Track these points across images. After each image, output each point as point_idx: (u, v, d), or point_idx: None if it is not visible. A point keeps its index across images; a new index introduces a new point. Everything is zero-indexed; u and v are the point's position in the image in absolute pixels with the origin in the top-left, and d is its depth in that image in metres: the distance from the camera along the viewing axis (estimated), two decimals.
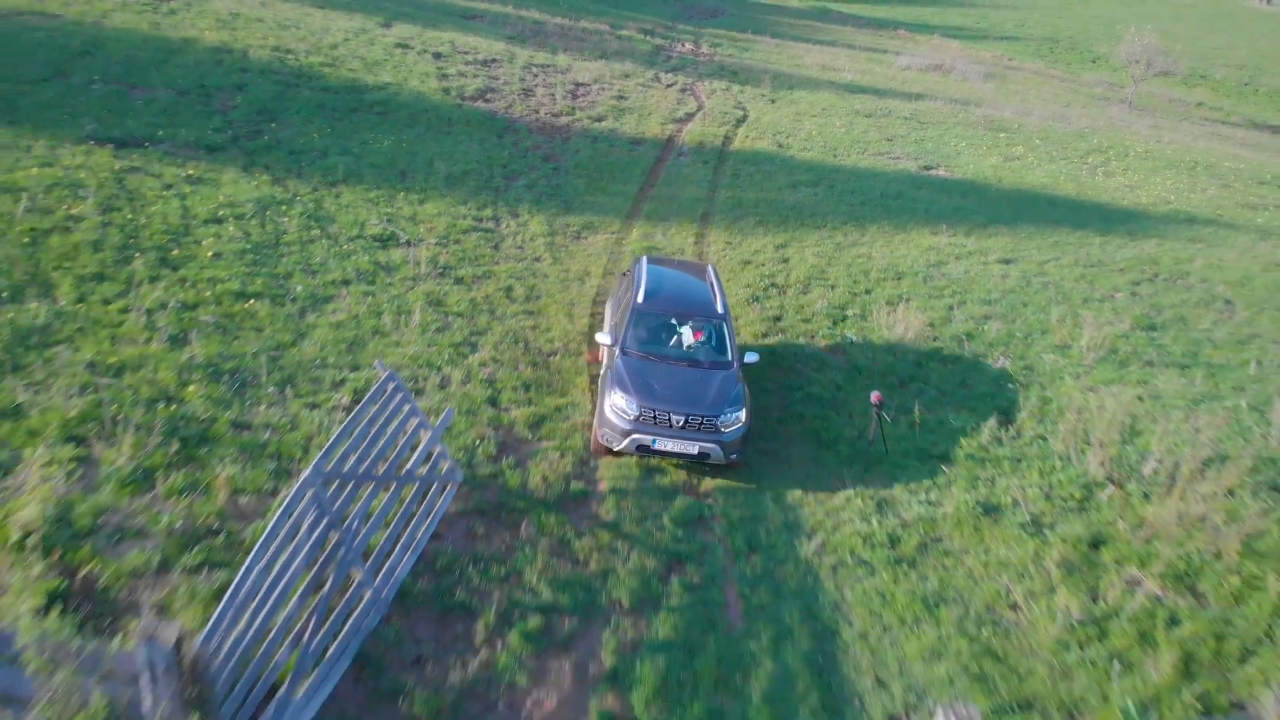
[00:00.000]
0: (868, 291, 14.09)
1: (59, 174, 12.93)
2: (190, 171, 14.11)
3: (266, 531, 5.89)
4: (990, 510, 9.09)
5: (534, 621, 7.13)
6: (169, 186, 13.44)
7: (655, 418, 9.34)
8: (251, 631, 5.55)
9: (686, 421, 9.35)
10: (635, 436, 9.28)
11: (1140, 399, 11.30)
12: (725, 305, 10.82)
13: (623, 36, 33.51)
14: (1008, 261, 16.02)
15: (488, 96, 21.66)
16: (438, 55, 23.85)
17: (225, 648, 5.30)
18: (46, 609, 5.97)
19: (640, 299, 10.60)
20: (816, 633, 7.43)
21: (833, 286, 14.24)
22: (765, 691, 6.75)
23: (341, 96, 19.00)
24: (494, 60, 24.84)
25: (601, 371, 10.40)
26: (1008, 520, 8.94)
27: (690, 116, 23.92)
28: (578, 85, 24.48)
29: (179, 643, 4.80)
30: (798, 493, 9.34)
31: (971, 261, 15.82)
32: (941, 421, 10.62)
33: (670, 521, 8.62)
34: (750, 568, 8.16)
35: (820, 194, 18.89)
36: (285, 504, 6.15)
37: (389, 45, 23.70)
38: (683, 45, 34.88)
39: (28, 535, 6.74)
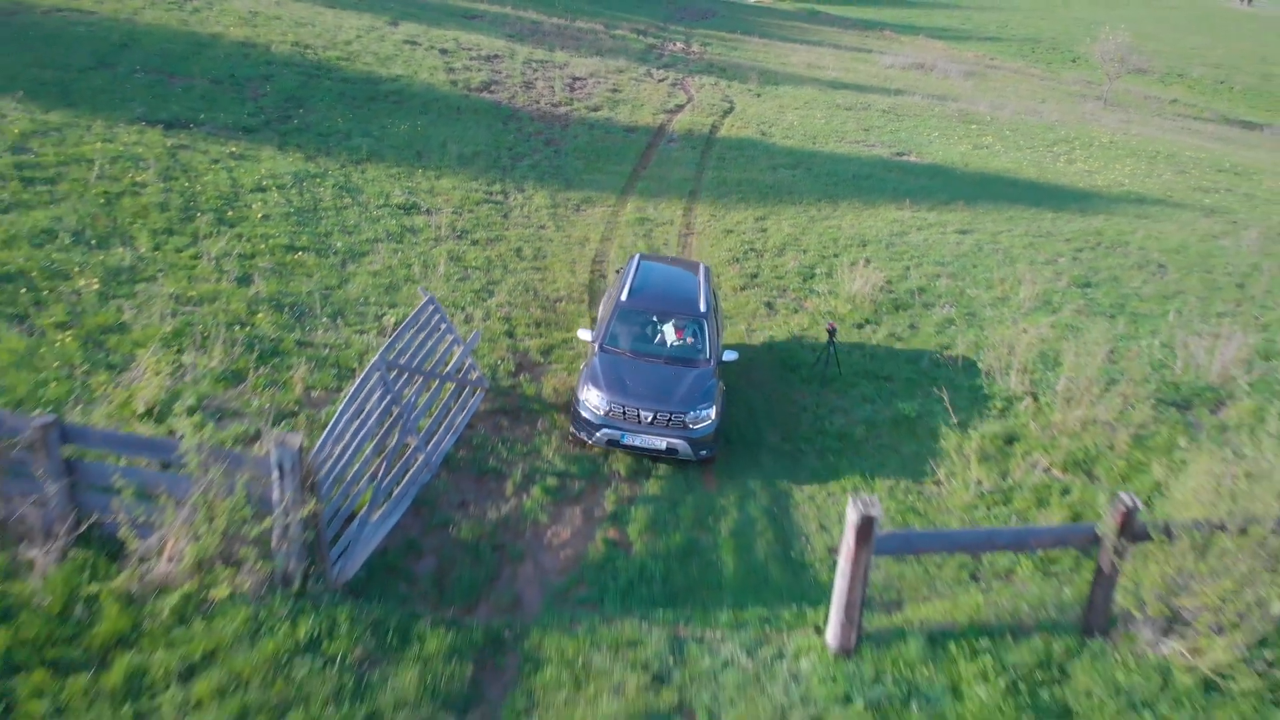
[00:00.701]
0: (835, 255, 16.12)
1: (119, 149, 14.91)
2: (233, 149, 16.10)
3: (349, 395, 7.86)
4: (923, 415, 11.11)
5: (551, 482, 9.13)
6: (216, 161, 15.43)
7: (624, 413, 9.70)
8: (343, 461, 7.51)
9: (655, 418, 9.71)
10: (605, 431, 9.66)
11: (1065, 338, 13.33)
12: (709, 304, 11.17)
13: (616, 36, 35.63)
14: (964, 232, 18.08)
15: (492, 88, 23.71)
16: (444, 51, 25.90)
17: (326, 465, 7.26)
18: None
19: (624, 296, 11.03)
20: (774, 494, 9.44)
21: (804, 251, 16.29)
22: (731, 529, 8.75)
23: (359, 87, 21.03)
24: (496, 56, 26.91)
25: (582, 367, 10.69)
26: (938, 422, 10.96)
27: (680, 108, 26.00)
28: (575, 79, 26.56)
29: (300, 449, 6.76)
30: (765, 403, 11.34)
31: (931, 231, 17.88)
32: (890, 352, 12.65)
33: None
34: (724, 452, 10.15)
35: (798, 175, 20.95)
36: (360, 379, 8.12)
37: (398, 42, 25.76)
38: (674, 44, 37.00)
39: (151, 409, 8.70)
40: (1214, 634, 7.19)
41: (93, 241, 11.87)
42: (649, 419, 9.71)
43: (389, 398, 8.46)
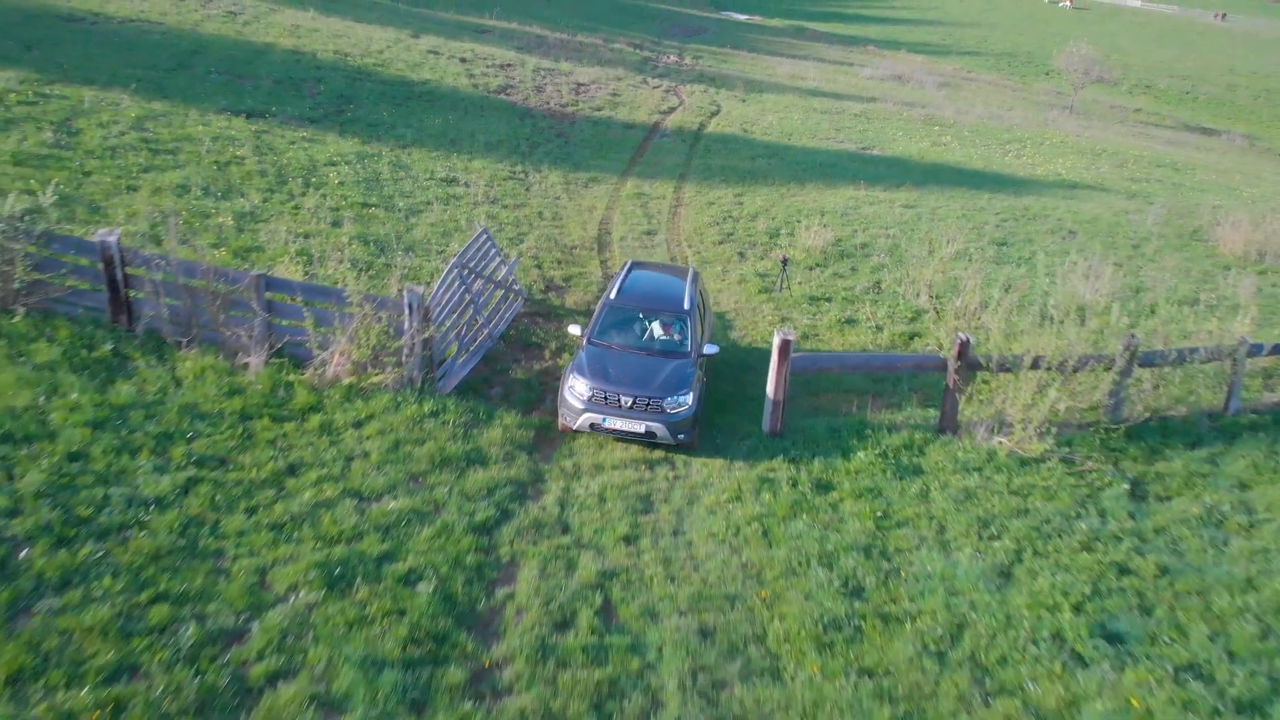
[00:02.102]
0: (798, 221, 20.30)
1: (216, 131, 19.07)
2: (303, 134, 20.28)
3: (440, 278, 11.93)
4: (851, 321, 15.24)
5: (574, 350, 13.19)
6: (292, 143, 19.59)
7: (606, 399, 10.71)
8: (440, 316, 11.56)
9: (634, 402, 10.70)
10: (587, 415, 10.68)
11: (972, 276, 17.46)
12: (694, 302, 12.30)
13: (615, 49, 40.11)
14: (909, 206, 22.29)
15: (508, 91, 28.02)
16: (463, 60, 30.25)
17: (434, 311, 11.31)
18: None
19: (613, 296, 12.29)
20: (737, 369, 13.52)
21: (773, 218, 20.47)
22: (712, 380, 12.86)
23: (396, 88, 25.32)
24: (509, 65, 31.27)
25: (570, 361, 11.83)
26: (861, 326, 15.08)
27: (673, 110, 30.33)
28: (579, 85, 30.90)
29: (422, 294, 10.83)
30: (731, 313, 15.46)
31: (880, 206, 22.09)
32: (832, 284, 16.79)
33: None
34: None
35: (773, 163, 25.21)
36: (445, 271, 12.20)
37: (423, 51, 30.11)
38: (668, 57, 41.49)
39: None
40: (1027, 431, 11.29)
41: (218, 194, 15.99)
42: (629, 404, 10.70)
43: (463, 288, 12.54)
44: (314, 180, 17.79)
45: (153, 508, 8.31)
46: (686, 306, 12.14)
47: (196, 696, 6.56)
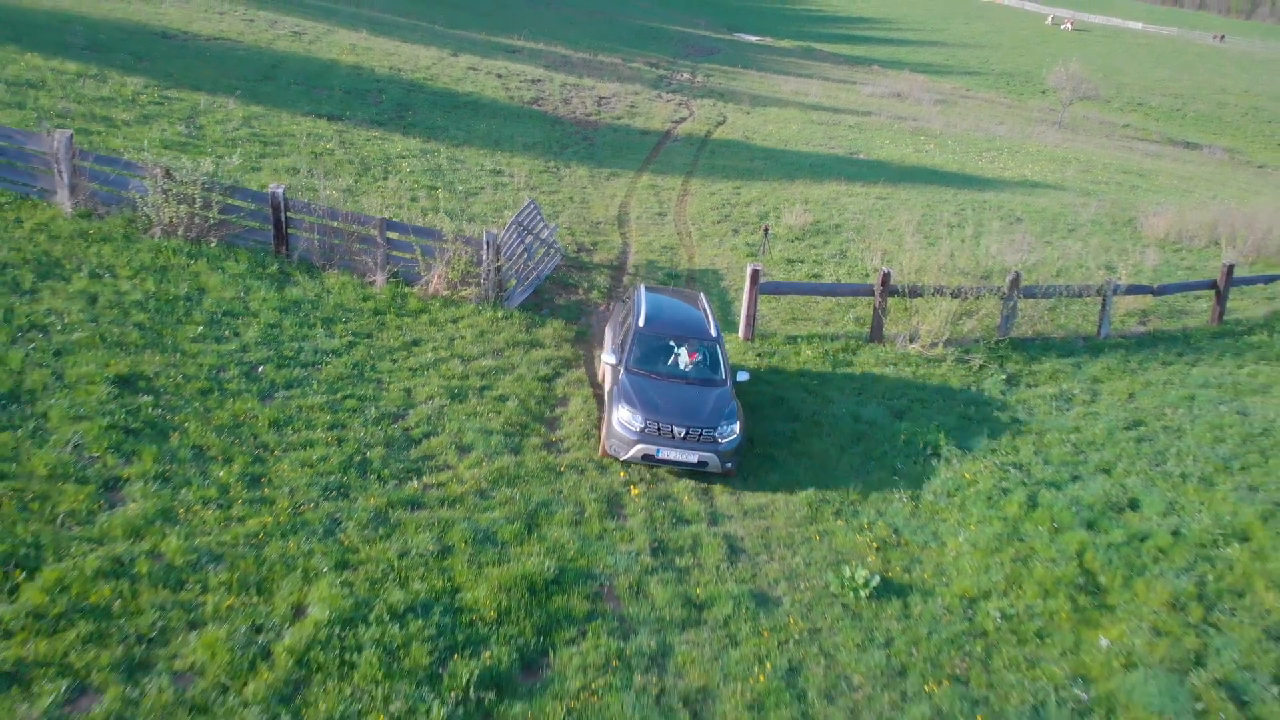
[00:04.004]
0: (785, 207, 25.14)
1: (307, 129, 24.12)
2: (375, 134, 25.35)
3: (505, 228, 16.80)
4: (816, 276, 20.02)
5: (601, 290, 18.02)
6: (368, 140, 24.64)
7: (659, 430, 11.18)
8: (505, 254, 16.41)
9: (688, 433, 11.20)
10: (640, 446, 11.17)
11: (922, 247, 22.20)
12: (719, 329, 13.15)
13: (633, 67, 45.33)
14: (882, 198, 27.12)
15: (539, 102, 33.15)
16: (499, 76, 35.45)
17: (503, 249, 16.15)
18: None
19: (641, 323, 12.86)
20: (722, 294, 18.32)
21: (763, 205, 25.34)
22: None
23: (445, 98, 30.46)
24: (538, 81, 36.45)
25: (607, 388, 12.51)
26: (825, 280, 19.84)
27: (683, 120, 35.38)
28: (601, 98, 36.03)
29: (494, 236, 15.68)
30: (724, 270, 20.27)
31: (857, 197, 26.94)
32: (807, 253, 21.58)
33: (662, 282, 19.53)
34: (697, 285, 19.07)
35: (769, 164, 30.14)
36: (507, 225, 17.07)
37: (463, 68, 35.33)
38: (681, 75, 46.66)
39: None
40: (931, 338, 16.03)
41: (322, 175, 20.98)
42: (682, 434, 11.23)
43: (519, 239, 17.40)
44: (390, 168, 22.79)
45: (330, 355, 13.16)
46: (714, 334, 12.96)
47: (384, 439, 11.36)
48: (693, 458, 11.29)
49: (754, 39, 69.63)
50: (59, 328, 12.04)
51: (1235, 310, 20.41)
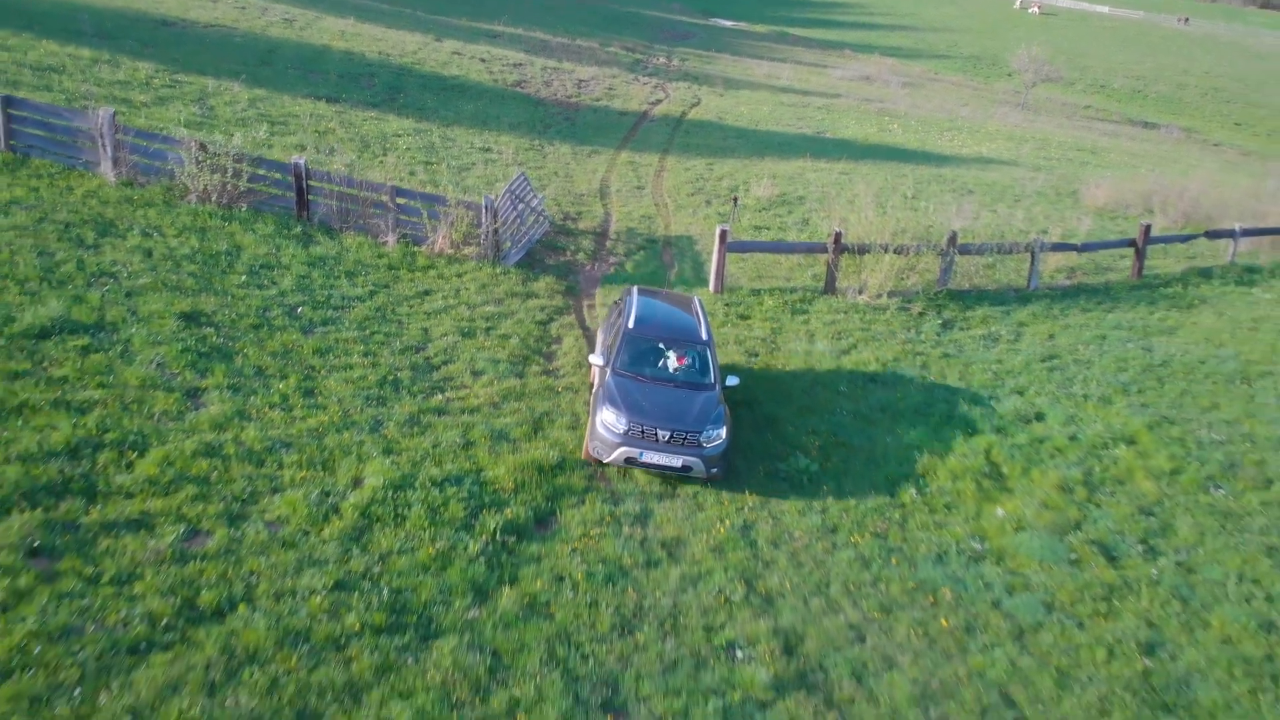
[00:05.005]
0: (754, 181, 27.59)
1: (309, 110, 26.31)
2: (371, 115, 27.56)
3: (500, 194, 19.15)
4: (779, 236, 22.49)
5: (586, 252, 20.42)
6: (365, 120, 26.86)
7: (643, 432, 11.18)
8: (500, 219, 18.75)
9: (671, 436, 11.22)
10: (623, 449, 11.17)
11: (879, 215, 24.70)
12: (709, 333, 13.18)
13: (610, 52, 47.61)
14: (844, 173, 29.63)
15: (522, 85, 35.43)
16: (483, 60, 37.68)
17: (498, 214, 18.50)
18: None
19: (631, 324, 12.90)
20: (694, 257, 20.75)
21: (734, 179, 27.79)
22: (679, 272, 20.07)
23: (433, 81, 32.68)
24: (520, 64, 38.70)
25: (594, 389, 12.56)
26: (789, 237, 22.32)
27: (659, 101, 37.75)
28: (580, 81, 38.33)
29: (492, 200, 18.03)
30: (697, 235, 22.71)
31: (821, 172, 29.44)
32: (771, 221, 24.06)
33: (643, 249, 21.94)
34: (676, 255, 21.49)
35: (740, 142, 32.58)
36: (501, 192, 19.42)
37: (448, 53, 37.52)
38: (657, 59, 48.96)
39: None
40: (876, 289, 18.55)
41: (327, 152, 23.21)
42: (665, 438, 11.24)
43: (511, 206, 19.75)
44: (388, 145, 25.05)
45: (355, 300, 15.49)
46: (704, 337, 13.03)
47: (410, 365, 13.72)
48: (676, 462, 11.31)
49: (729, 24, 71.97)
50: (125, 275, 14.31)
51: (1156, 268, 23.11)
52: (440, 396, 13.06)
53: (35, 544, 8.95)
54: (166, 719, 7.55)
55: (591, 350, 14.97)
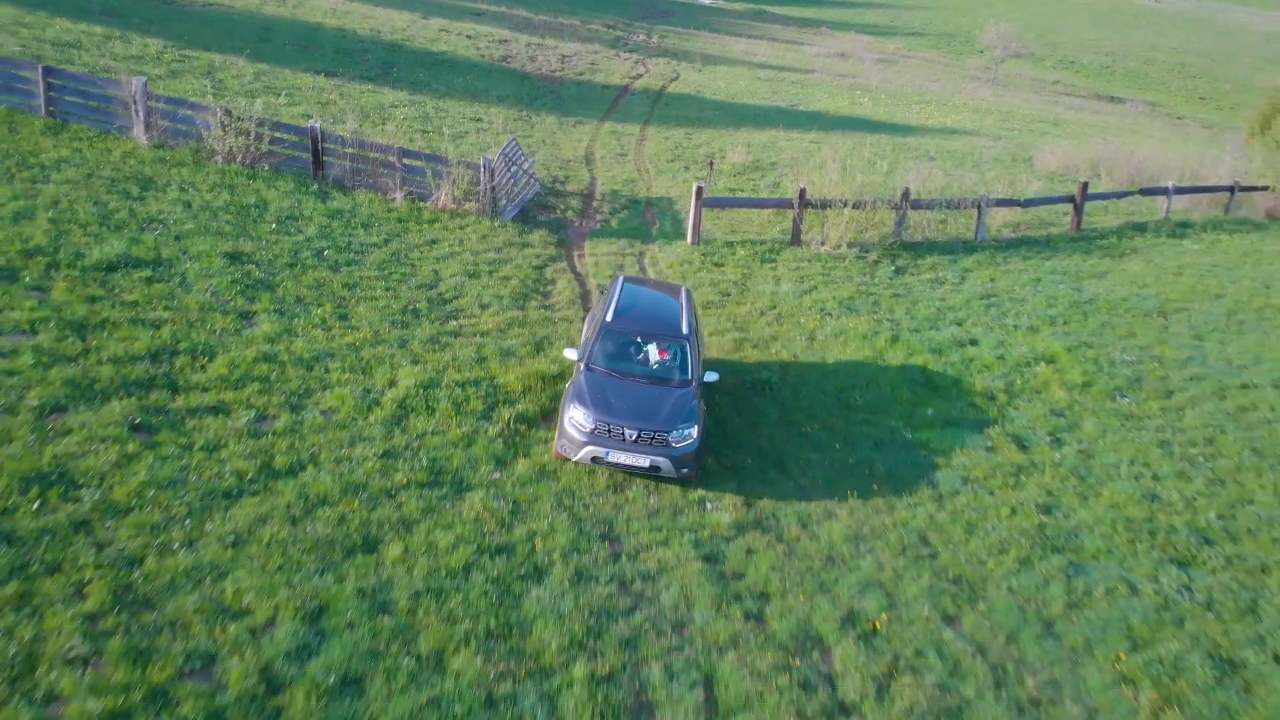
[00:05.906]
0: (730, 148, 29.95)
1: (310, 83, 28.44)
2: (368, 88, 29.72)
3: (497, 154, 21.43)
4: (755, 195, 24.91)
5: (575, 211, 22.75)
6: (363, 92, 29.02)
7: (610, 431, 11.04)
8: (497, 177, 21.04)
9: (639, 436, 11.06)
10: (590, 448, 11.07)
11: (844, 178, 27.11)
12: (692, 326, 12.88)
13: (591, 29, 49.78)
14: (814, 142, 32.04)
15: (508, 60, 37.61)
16: (469, 37, 39.81)
17: (494, 173, 20.78)
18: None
19: (609, 317, 12.76)
20: (674, 216, 23.12)
21: (711, 147, 30.14)
22: (660, 228, 22.45)
23: (424, 56, 34.82)
24: (505, 41, 40.85)
25: (568, 385, 12.39)
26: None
27: (640, 76, 40.01)
28: (564, 56, 40.53)
29: (490, 161, 20.31)
30: (676, 196, 25.07)
31: (794, 141, 31.83)
32: (745, 185, 26.44)
33: (627, 208, 24.29)
34: (657, 213, 23.85)
35: (717, 114, 34.93)
36: (497, 155, 21.70)
37: (435, 30, 39.62)
38: (637, 36, 51.16)
39: None
40: (836, 240, 21.00)
41: (330, 120, 25.40)
42: (633, 437, 11.06)
43: (505, 168, 22.02)
44: (386, 115, 27.25)
45: (373, 246, 17.77)
46: (685, 331, 12.73)
47: (427, 299, 16.04)
48: (644, 462, 11.18)
49: (707, 1, 74.12)
50: (171, 221, 16.54)
51: (1096, 223, 25.69)
52: (454, 323, 15.39)
53: (136, 421, 11.25)
54: (261, 540, 9.89)
55: (579, 274, 17.24)
